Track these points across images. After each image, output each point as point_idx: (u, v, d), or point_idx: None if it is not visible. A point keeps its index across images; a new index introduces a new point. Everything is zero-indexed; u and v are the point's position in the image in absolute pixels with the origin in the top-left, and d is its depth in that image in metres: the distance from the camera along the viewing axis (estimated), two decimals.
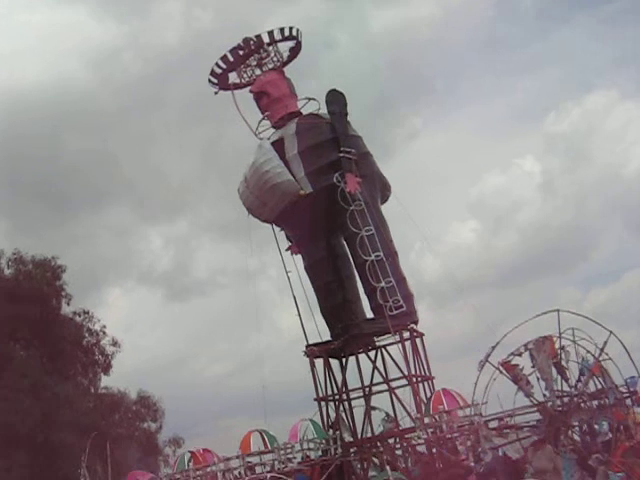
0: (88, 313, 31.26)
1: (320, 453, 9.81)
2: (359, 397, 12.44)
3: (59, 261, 29.80)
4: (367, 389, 12.38)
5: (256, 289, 14.07)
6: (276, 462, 8.98)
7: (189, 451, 10.83)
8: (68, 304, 30.68)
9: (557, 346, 8.83)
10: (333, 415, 12.12)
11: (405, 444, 11.52)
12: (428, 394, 11.70)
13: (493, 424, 9.33)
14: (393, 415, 11.96)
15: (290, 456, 9.46)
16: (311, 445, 9.83)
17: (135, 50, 37.37)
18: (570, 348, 8.86)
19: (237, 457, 9.12)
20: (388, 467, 10.03)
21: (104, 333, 31.45)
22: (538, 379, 8.88)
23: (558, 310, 8.63)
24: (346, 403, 12.24)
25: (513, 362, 9.02)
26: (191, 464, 10.49)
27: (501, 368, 8.99)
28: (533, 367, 8.87)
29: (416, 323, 12.24)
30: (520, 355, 8.92)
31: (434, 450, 10.13)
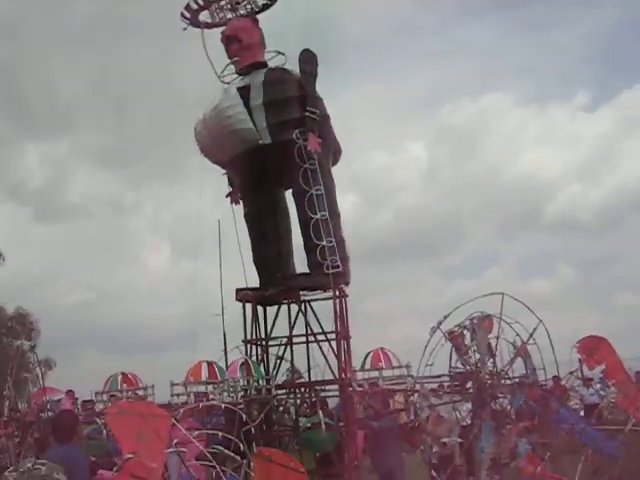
0: None
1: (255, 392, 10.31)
2: (283, 344, 12.99)
3: None
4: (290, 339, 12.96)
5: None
6: (225, 394, 9.39)
7: (121, 372, 11.01)
8: None
9: (496, 325, 9.81)
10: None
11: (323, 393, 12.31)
12: (345, 353, 12.45)
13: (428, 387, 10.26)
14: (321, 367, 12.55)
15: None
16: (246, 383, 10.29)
17: None
18: (506, 329, 9.85)
19: (206, 383, 9.42)
20: (320, 411, 10.74)
21: None
22: (474, 352, 9.89)
23: (503, 293, 9.58)
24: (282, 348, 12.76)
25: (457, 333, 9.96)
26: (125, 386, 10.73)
27: (447, 336, 9.90)
28: (472, 340, 9.84)
29: (347, 284, 12.91)
30: (465, 328, 9.85)
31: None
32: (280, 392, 11.77)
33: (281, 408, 12.29)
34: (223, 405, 8.35)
